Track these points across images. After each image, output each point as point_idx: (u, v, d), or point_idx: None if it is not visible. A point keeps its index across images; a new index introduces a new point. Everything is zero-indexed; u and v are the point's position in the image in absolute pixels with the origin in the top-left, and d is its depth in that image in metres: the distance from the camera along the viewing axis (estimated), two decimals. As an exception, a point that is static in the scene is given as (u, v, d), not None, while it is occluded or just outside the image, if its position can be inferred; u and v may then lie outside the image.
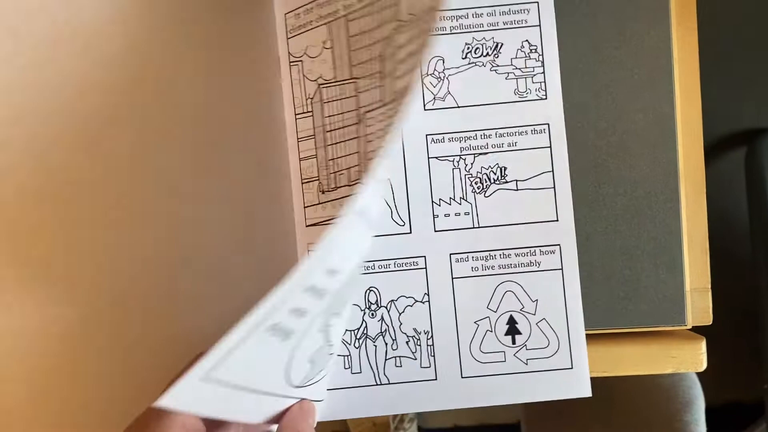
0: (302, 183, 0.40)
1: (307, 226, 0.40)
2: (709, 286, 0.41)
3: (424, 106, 0.40)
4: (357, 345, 0.40)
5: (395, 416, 0.66)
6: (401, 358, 0.40)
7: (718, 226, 0.43)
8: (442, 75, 0.40)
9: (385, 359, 0.40)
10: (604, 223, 0.40)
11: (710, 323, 0.41)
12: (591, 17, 0.40)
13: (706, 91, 0.42)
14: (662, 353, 0.40)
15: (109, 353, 0.41)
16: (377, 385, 0.40)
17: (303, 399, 0.35)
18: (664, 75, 0.41)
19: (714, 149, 1.00)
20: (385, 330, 0.40)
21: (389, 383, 0.40)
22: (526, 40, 0.40)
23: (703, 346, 0.40)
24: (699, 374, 0.56)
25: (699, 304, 0.41)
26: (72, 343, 0.41)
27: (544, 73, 0.40)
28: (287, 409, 0.35)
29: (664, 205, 0.40)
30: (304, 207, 0.40)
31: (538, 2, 0.40)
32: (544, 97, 0.40)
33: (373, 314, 0.40)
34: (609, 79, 0.41)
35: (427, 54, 0.38)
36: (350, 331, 0.40)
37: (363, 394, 0.40)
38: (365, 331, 0.40)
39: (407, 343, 0.40)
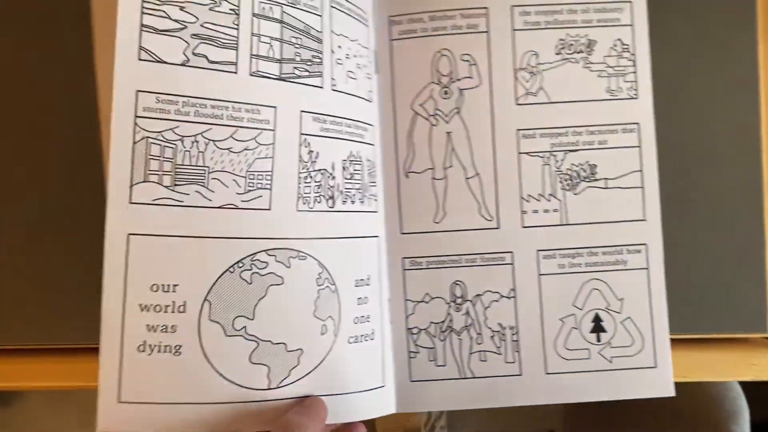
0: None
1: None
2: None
3: (517, 100, 0.40)
4: (442, 338, 0.40)
5: (427, 421, 0.66)
6: (486, 353, 0.40)
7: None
8: (535, 70, 0.40)
9: (470, 353, 0.40)
10: (688, 229, 0.41)
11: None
12: (676, 24, 0.41)
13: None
14: (743, 361, 0.41)
15: None
16: (462, 378, 0.40)
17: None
18: (749, 83, 0.41)
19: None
20: (470, 324, 0.40)
21: (474, 377, 0.40)
22: (619, 39, 0.40)
23: (785, 354, 0.41)
24: (744, 388, 0.56)
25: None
26: None
27: (635, 72, 0.40)
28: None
29: (748, 214, 0.41)
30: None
31: (632, 2, 0.40)
32: (635, 96, 0.40)
33: (458, 308, 0.40)
34: (694, 86, 0.41)
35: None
36: (435, 323, 0.40)
37: (447, 386, 0.39)
38: (450, 325, 0.40)
39: (492, 337, 0.40)
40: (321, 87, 0.37)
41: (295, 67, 0.36)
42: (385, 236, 0.40)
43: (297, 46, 0.36)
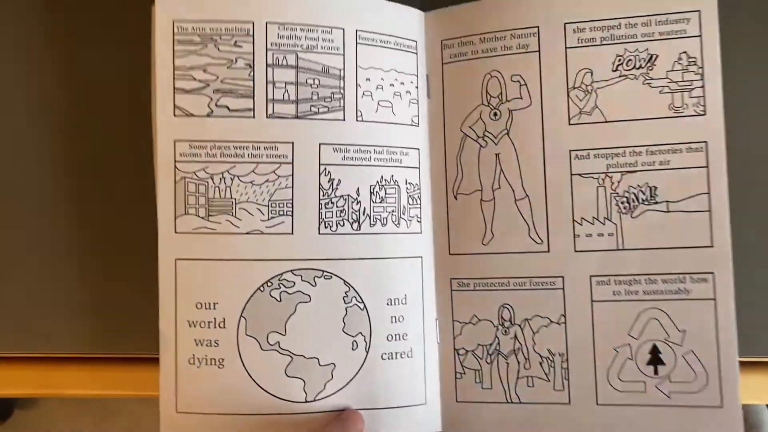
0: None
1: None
2: None
3: (569, 120, 0.39)
4: (489, 360, 0.39)
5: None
6: (534, 378, 0.39)
7: None
8: (589, 88, 0.38)
9: (517, 378, 0.39)
10: (757, 258, 0.37)
11: None
12: (750, 39, 0.37)
13: None
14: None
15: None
16: (508, 402, 0.39)
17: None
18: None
19: None
20: (518, 348, 0.39)
21: (520, 402, 0.39)
22: (685, 52, 0.38)
23: None
24: None
25: None
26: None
27: (703, 87, 0.37)
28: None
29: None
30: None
31: (700, 11, 0.37)
32: (703, 112, 0.37)
33: (506, 331, 0.39)
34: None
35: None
36: (482, 345, 0.40)
37: (493, 410, 0.39)
38: (498, 348, 0.39)
39: (540, 363, 0.39)
40: (342, 120, 0.39)
41: (312, 105, 0.39)
42: (433, 257, 0.41)
43: (314, 86, 0.39)
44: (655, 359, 0.37)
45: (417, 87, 0.41)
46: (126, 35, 0.42)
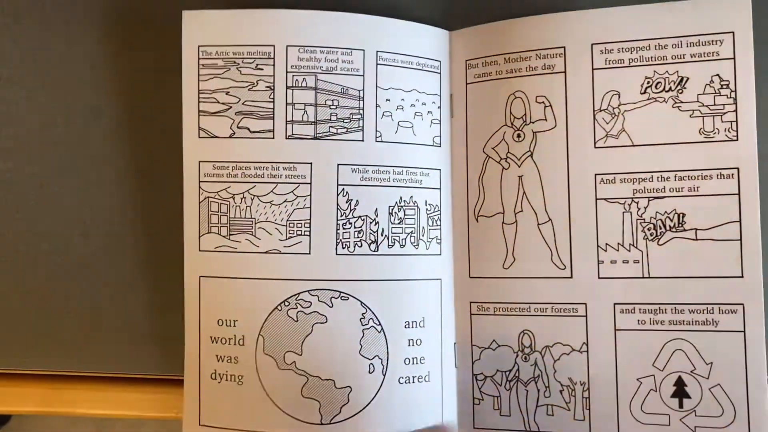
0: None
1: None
2: None
3: (595, 143, 0.38)
4: (508, 387, 0.39)
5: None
6: (553, 407, 0.38)
7: None
8: (617, 111, 0.37)
9: (536, 406, 0.38)
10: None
11: None
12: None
13: None
14: None
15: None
16: (526, 431, 0.38)
17: None
18: None
19: None
20: (538, 376, 0.38)
21: (539, 431, 0.38)
22: (717, 75, 0.36)
23: None
24: None
25: None
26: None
27: (736, 111, 0.36)
28: None
29: None
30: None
31: (734, 32, 0.36)
32: (735, 138, 0.36)
33: (526, 358, 0.39)
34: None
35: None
36: (501, 371, 0.39)
37: (511, 439, 0.38)
38: (517, 374, 0.39)
39: (561, 392, 0.38)
40: (362, 140, 0.39)
41: (330, 126, 0.39)
42: (453, 279, 0.40)
43: (332, 107, 0.39)
44: (681, 392, 0.36)
45: (440, 107, 0.40)
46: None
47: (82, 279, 0.42)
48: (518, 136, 0.39)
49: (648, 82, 0.37)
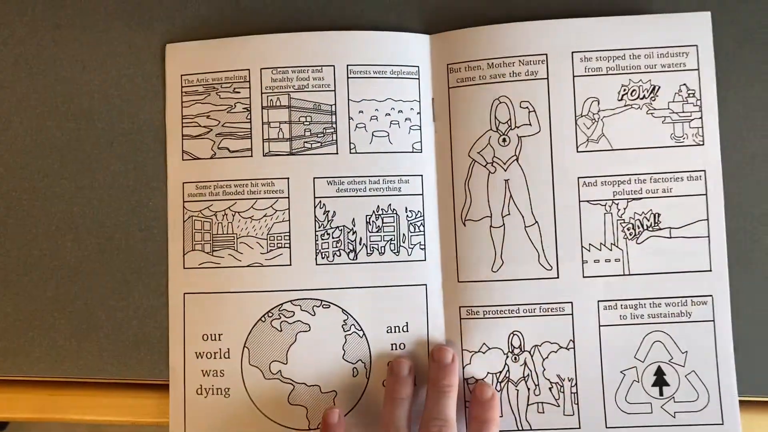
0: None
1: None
2: None
3: (577, 147, 0.39)
4: (499, 388, 0.39)
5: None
6: (544, 404, 0.39)
7: None
8: (596, 116, 0.39)
9: (527, 404, 0.39)
10: (752, 285, 0.39)
11: None
12: (741, 76, 0.39)
13: None
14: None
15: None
16: (519, 430, 0.39)
17: None
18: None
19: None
20: (528, 375, 0.39)
21: (531, 429, 0.39)
22: (684, 84, 0.39)
23: None
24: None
25: None
26: None
27: (701, 118, 0.39)
28: None
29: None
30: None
31: (697, 45, 0.39)
32: (701, 143, 0.39)
33: (516, 358, 0.39)
34: (759, 139, 0.40)
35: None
36: (492, 373, 0.39)
37: (504, 439, 0.39)
38: (507, 375, 0.39)
39: (550, 389, 0.39)
40: (335, 153, 0.40)
41: (305, 142, 0.40)
42: (441, 284, 0.40)
43: (306, 123, 0.40)
44: (660, 380, 0.39)
45: (419, 113, 0.40)
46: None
47: (74, 284, 0.41)
48: (504, 140, 0.39)
49: (624, 90, 0.39)
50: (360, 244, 0.40)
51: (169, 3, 0.42)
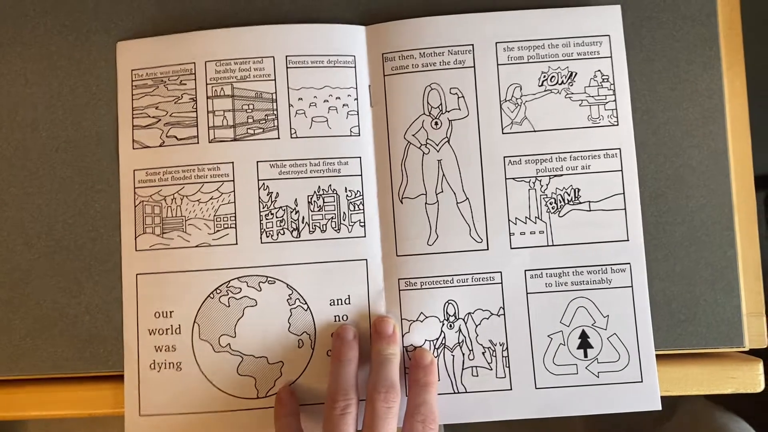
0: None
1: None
2: (764, 311, 0.43)
3: (503, 129, 0.42)
4: (436, 354, 0.42)
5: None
6: (478, 368, 0.42)
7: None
8: (519, 101, 0.43)
9: (462, 369, 0.42)
10: (665, 250, 0.43)
11: (765, 346, 0.43)
12: (649, 61, 0.43)
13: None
14: (722, 374, 0.42)
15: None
16: (455, 393, 0.42)
17: None
18: (717, 114, 0.43)
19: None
20: (462, 341, 0.42)
21: (466, 392, 0.42)
22: (599, 70, 0.43)
23: (760, 367, 0.42)
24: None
25: (754, 329, 0.43)
26: None
27: (615, 101, 0.43)
28: None
29: (720, 233, 0.43)
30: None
31: (609, 35, 0.43)
32: (616, 123, 0.42)
33: (451, 325, 0.42)
34: (666, 117, 0.43)
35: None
36: (429, 341, 0.42)
37: (441, 401, 0.41)
38: (443, 342, 0.42)
39: (483, 354, 0.42)
40: (277, 138, 0.43)
41: (248, 128, 0.43)
42: (381, 259, 0.43)
43: (249, 111, 0.43)
44: (584, 343, 0.42)
45: (356, 99, 0.43)
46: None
47: (27, 286, 0.43)
48: (436, 123, 0.43)
49: (544, 76, 0.43)
50: (303, 223, 0.42)
51: (120, 7, 0.45)
